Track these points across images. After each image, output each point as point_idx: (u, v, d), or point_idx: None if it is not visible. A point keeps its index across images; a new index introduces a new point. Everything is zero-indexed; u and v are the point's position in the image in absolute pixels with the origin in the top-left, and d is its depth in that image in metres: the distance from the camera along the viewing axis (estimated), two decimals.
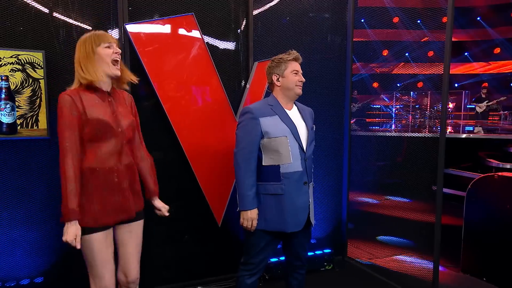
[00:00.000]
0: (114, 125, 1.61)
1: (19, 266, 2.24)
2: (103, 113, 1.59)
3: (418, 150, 2.90)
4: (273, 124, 1.85)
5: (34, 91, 2.11)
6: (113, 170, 1.62)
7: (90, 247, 1.59)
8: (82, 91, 1.58)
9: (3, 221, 2.18)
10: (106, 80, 1.63)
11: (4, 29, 2.06)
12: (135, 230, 1.78)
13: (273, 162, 1.86)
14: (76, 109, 1.54)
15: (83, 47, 1.59)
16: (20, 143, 2.16)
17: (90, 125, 1.55)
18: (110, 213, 1.61)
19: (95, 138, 1.57)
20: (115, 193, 1.62)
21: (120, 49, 1.67)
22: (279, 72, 1.93)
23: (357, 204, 3.47)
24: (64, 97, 1.54)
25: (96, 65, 1.59)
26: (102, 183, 1.59)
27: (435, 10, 2.80)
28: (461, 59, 11.41)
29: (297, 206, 1.88)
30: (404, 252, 3.14)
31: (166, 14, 2.40)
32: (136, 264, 1.80)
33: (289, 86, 1.91)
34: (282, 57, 1.93)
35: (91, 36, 1.60)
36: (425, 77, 4.42)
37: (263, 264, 1.95)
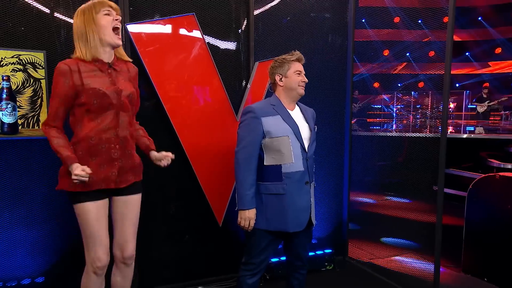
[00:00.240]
0: (112, 96, 1.61)
1: (20, 266, 2.24)
2: (101, 83, 1.59)
3: (419, 150, 2.90)
4: (275, 124, 1.85)
5: (35, 91, 2.11)
6: (109, 140, 1.63)
7: (84, 216, 1.62)
8: (82, 61, 1.59)
9: (4, 221, 2.18)
10: (107, 50, 1.63)
11: (6, 29, 2.07)
12: (132, 204, 1.78)
13: (275, 162, 1.85)
14: (71, 78, 1.55)
15: (82, 17, 1.59)
16: (21, 143, 2.17)
17: (86, 95, 1.56)
18: (98, 180, 1.62)
19: (93, 108, 1.59)
20: (105, 162, 1.63)
21: (120, 15, 1.65)
22: (282, 72, 1.93)
23: (358, 204, 3.47)
24: (61, 66, 1.56)
25: (95, 36, 1.58)
26: (94, 151, 1.61)
27: (436, 10, 2.80)
28: (462, 59, 11.40)
29: (299, 206, 1.87)
30: (405, 252, 3.14)
31: (167, 14, 2.40)
32: (132, 240, 1.81)
33: (292, 86, 1.91)
34: (285, 58, 1.93)
35: (90, 5, 1.60)
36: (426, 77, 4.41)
37: (264, 264, 1.95)
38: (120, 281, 1.85)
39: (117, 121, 1.65)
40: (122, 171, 1.69)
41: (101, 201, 1.66)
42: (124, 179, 1.71)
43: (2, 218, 2.17)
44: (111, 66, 1.66)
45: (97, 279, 1.70)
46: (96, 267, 1.67)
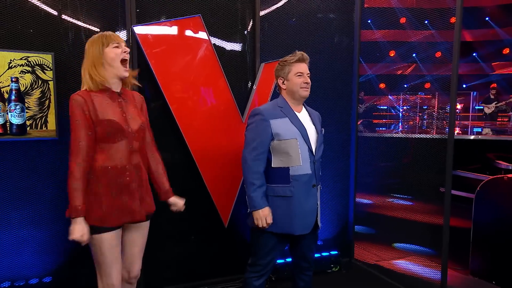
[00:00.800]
0: (124, 126, 1.62)
1: (28, 265, 2.26)
2: (114, 114, 1.60)
3: (425, 152, 2.88)
4: (283, 126, 1.84)
5: (43, 93, 2.13)
6: (125, 169, 1.63)
7: (99, 246, 1.61)
8: (93, 92, 1.59)
9: (13, 220, 2.20)
10: (115, 81, 1.65)
11: (15, 32, 2.09)
12: (143, 231, 1.80)
13: (283, 164, 1.85)
14: (87, 109, 1.55)
15: (91, 48, 1.61)
16: (30, 144, 2.19)
17: (101, 126, 1.57)
18: (116, 214, 1.62)
19: (107, 139, 1.59)
20: (123, 194, 1.63)
21: (128, 48, 1.68)
22: (283, 75, 1.92)
23: (365, 206, 3.45)
24: (76, 98, 1.55)
25: (104, 68, 1.60)
26: (112, 182, 1.60)
27: (443, 10, 2.78)
28: (469, 59, 11.30)
29: (306, 208, 1.87)
30: (412, 255, 3.12)
31: (173, 15, 2.41)
32: (139, 262, 1.83)
33: (293, 89, 1.90)
34: (286, 60, 1.92)
35: (99, 37, 1.62)
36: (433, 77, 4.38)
37: (270, 265, 1.95)
38: None
39: (131, 152, 1.65)
40: (141, 203, 1.70)
41: (117, 230, 1.65)
42: (145, 210, 1.72)
43: (10, 218, 2.19)
44: (120, 96, 1.67)
45: None
46: None
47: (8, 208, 2.18)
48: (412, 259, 3.07)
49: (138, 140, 1.69)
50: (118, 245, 1.68)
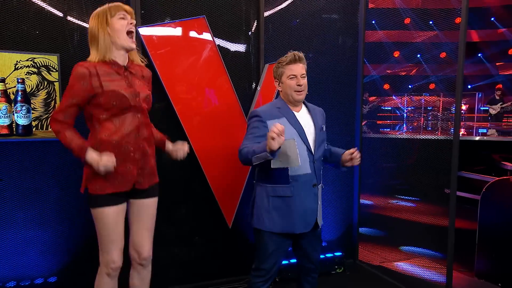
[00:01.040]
0: (130, 98, 1.62)
1: (33, 265, 2.28)
2: (119, 85, 1.61)
3: (430, 153, 2.86)
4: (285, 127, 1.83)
5: (49, 94, 2.15)
6: (130, 140, 1.64)
7: (102, 220, 1.63)
8: (99, 64, 1.60)
9: (18, 221, 2.22)
10: (121, 53, 1.65)
11: (21, 33, 2.11)
12: (149, 207, 1.79)
13: (282, 165, 1.84)
14: (89, 81, 1.56)
15: (96, 21, 1.61)
16: (35, 145, 2.20)
17: (105, 97, 1.57)
18: (118, 180, 1.63)
19: (112, 110, 1.60)
20: (127, 162, 1.64)
21: (134, 19, 1.68)
22: (277, 77, 1.90)
23: (369, 207, 3.44)
24: (79, 69, 1.56)
25: (109, 39, 1.60)
26: (116, 151, 1.61)
27: (448, 11, 2.77)
28: (474, 60, 11.23)
29: (306, 208, 1.86)
30: (417, 256, 3.10)
31: (178, 17, 2.42)
32: (149, 241, 1.82)
33: (287, 91, 1.87)
34: (280, 61, 1.88)
35: (104, 8, 1.62)
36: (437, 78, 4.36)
37: (275, 269, 1.93)
38: (138, 283, 1.86)
39: (137, 123, 1.67)
40: (142, 172, 1.71)
41: (120, 205, 1.67)
42: (145, 180, 1.73)
43: (16, 218, 2.21)
44: (127, 69, 1.68)
45: (110, 281, 1.72)
46: (110, 269, 1.68)
47: (14, 208, 2.20)
48: (417, 261, 3.05)
49: (143, 113, 1.71)
50: (121, 221, 1.69)
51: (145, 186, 1.73)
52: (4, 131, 2.04)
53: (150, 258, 1.84)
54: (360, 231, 3.20)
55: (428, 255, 3.02)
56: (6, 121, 2.04)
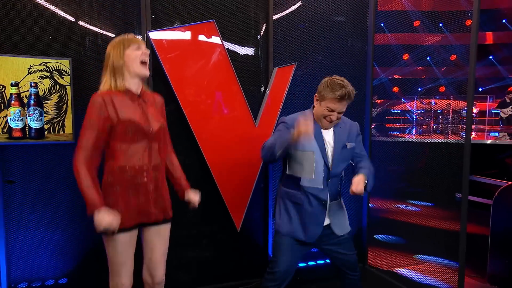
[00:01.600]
0: (144, 126, 1.64)
1: (45, 267, 2.30)
2: (134, 114, 1.63)
3: (440, 156, 2.83)
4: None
5: (61, 97, 2.18)
6: (143, 169, 1.64)
7: (114, 246, 1.63)
8: (114, 93, 1.62)
9: (30, 223, 2.25)
10: (136, 82, 1.67)
11: (35, 38, 2.15)
12: (163, 233, 1.81)
13: (295, 173, 1.88)
14: (105, 111, 1.57)
15: (112, 51, 1.64)
16: (47, 148, 2.24)
17: (122, 126, 1.59)
18: (132, 214, 1.64)
19: (126, 138, 1.61)
20: (140, 194, 1.65)
21: (148, 50, 1.71)
22: (320, 95, 1.84)
23: (379, 211, 3.40)
24: (96, 99, 1.57)
25: (124, 69, 1.63)
26: (129, 183, 1.62)
27: (458, 13, 2.74)
28: (485, 62, 11.08)
29: (311, 220, 1.89)
30: (427, 261, 3.06)
31: (187, 21, 2.44)
32: (163, 266, 1.83)
33: (318, 114, 1.87)
34: (332, 85, 1.78)
35: (121, 40, 1.66)
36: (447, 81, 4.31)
37: (288, 274, 1.93)
38: None
39: (150, 152, 1.67)
40: (156, 204, 1.72)
41: (132, 231, 1.67)
42: (160, 213, 1.74)
43: (28, 220, 2.24)
44: (140, 97, 1.70)
45: None
46: None
47: (26, 210, 2.23)
48: (427, 266, 3.01)
49: (158, 141, 1.71)
50: (132, 246, 1.69)
51: (159, 218, 1.74)
52: (17, 134, 2.08)
53: (163, 282, 1.85)
54: (369, 235, 3.17)
55: (439, 260, 2.98)
56: (20, 124, 2.08)
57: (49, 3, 2.17)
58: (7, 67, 2.04)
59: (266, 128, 2.67)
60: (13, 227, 2.21)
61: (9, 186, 2.18)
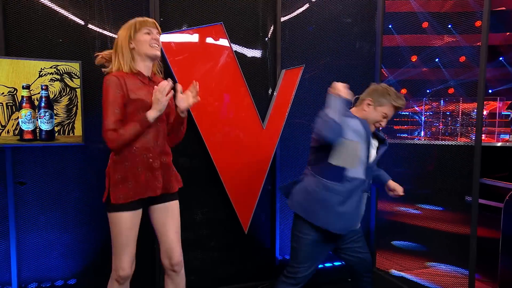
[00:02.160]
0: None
1: (54, 267, 2.33)
2: (144, 94, 1.67)
3: (450, 159, 2.80)
4: (353, 127, 1.83)
5: (71, 100, 2.21)
6: (149, 149, 1.68)
7: (117, 224, 1.66)
8: (125, 74, 1.66)
9: (40, 223, 2.28)
10: (146, 64, 1.71)
11: (46, 41, 2.18)
12: (172, 210, 1.82)
13: (340, 163, 1.83)
14: (121, 88, 1.61)
15: (124, 33, 1.68)
16: (58, 149, 2.27)
17: (133, 105, 1.64)
18: (140, 188, 1.67)
19: (134, 117, 1.64)
20: (147, 171, 1.68)
21: (160, 33, 1.74)
22: (376, 102, 1.90)
23: (386, 214, 3.37)
24: (111, 77, 1.62)
25: (135, 52, 1.67)
26: (138, 161, 1.65)
27: (468, 14, 2.72)
28: (495, 64, 10.94)
29: (351, 211, 1.87)
30: (437, 265, 3.02)
31: (196, 23, 2.46)
32: (178, 246, 1.83)
33: (369, 119, 1.92)
34: (391, 95, 1.88)
35: (132, 22, 1.69)
36: (456, 83, 4.27)
37: (309, 272, 1.92)
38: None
39: (157, 132, 1.72)
40: (165, 179, 1.75)
41: (137, 211, 1.70)
42: (169, 186, 1.78)
43: (38, 221, 2.27)
44: (150, 80, 1.75)
45: (119, 287, 1.74)
46: (118, 276, 1.71)
47: (37, 211, 2.26)
48: (436, 270, 2.97)
49: (164, 123, 1.76)
50: (136, 227, 1.71)
51: (175, 189, 1.79)
52: (28, 136, 2.11)
53: (182, 263, 1.85)
54: (377, 239, 3.15)
55: (448, 264, 2.94)
56: (30, 126, 2.11)
57: (60, 7, 2.20)
58: (18, 70, 2.07)
59: (274, 130, 2.67)
60: (24, 228, 2.24)
61: (20, 187, 2.21)
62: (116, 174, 1.65)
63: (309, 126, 2.84)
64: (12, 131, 2.09)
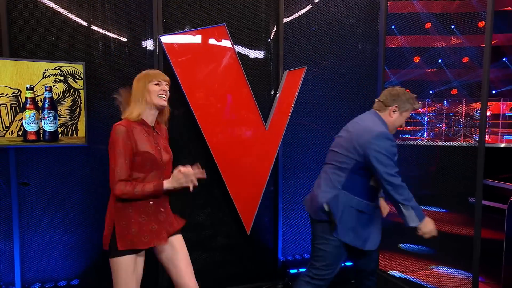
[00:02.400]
0: (158, 158, 1.69)
1: (57, 268, 2.34)
2: (150, 146, 1.68)
3: (453, 160, 2.79)
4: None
5: (74, 101, 2.22)
6: (153, 202, 1.69)
7: (118, 269, 1.65)
8: (132, 123, 1.66)
9: (44, 224, 2.28)
10: (152, 113, 1.72)
11: (50, 43, 2.19)
12: (177, 243, 1.81)
13: (377, 185, 1.93)
14: (129, 139, 1.61)
15: (137, 83, 1.70)
16: (61, 150, 2.28)
17: (141, 157, 1.63)
18: (145, 238, 1.66)
19: (141, 169, 1.65)
20: (152, 221, 1.68)
21: (169, 85, 1.75)
22: (402, 108, 1.95)
23: (389, 215, 3.36)
24: (120, 128, 1.61)
25: (143, 101, 1.68)
26: (142, 209, 1.66)
27: (471, 14, 2.71)
28: (498, 65, 10.89)
29: (378, 226, 2.00)
30: (440, 267, 3.01)
31: (198, 25, 2.46)
32: (192, 277, 1.82)
33: (395, 125, 1.98)
34: (414, 101, 1.96)
35: (145, 73, 1.72)
36: (460, 83, 4.26)
37: (333, 274, 1.97)
38: None
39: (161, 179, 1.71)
40: (166, 225, 1.75)
41: (140, 254, 1.69)
42: (174, 226, 1.79)
43: (42, 221, 2.28)
44: (154, 129, 1.75)
45: None
46: None
47: (40, 212, 2.27)
48: (439, 271, 2.96)
49: (167, 172, 1.76)
50: (136, 271, 1.69)
51: (177, 228, 1.81)
52: (32, 137, 2.12)
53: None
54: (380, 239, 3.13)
55: (451, 266, 2.93)
56: (34, 127, 2.12)
57: (63, 9, 2.21)
58: (22, 71, 2.08)
59: (277, 131, 2.67)
60: (28, 229, 2.25)
61: (23, 188, 2.22)
62: (120, 219, 1.63)
63: (311, 127, 2.84)
64: (16, 132, 2.10)
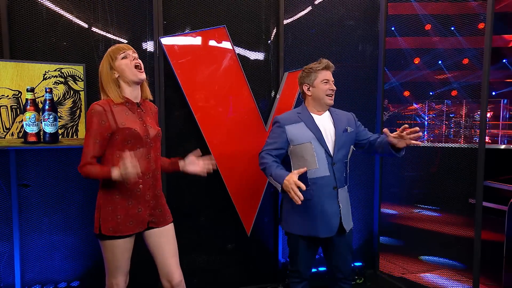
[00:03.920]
0: (143, 135, 1.66)
1: (57, 269, 2.34)
2: (133, 123, 1.64)
3: (453, 161, 2.79)
4: (298, 131, 1.89)
5: (74, 103, 2.22)
6: (141, 178, 1.65)
7: (111, 251, 1.65)
8: (113, 102, 1.64)
9: (44, 226, 2.29)
10: (133, 89, 1.68)
11: (50, 45, 2.20)
12: (167, 233, 1.80)
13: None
14: (106, 118, 1.58)
15: (103, 66, 1.66)
16: (61, 152, 2.28)
17: (121, 134, 1.60)
18: (130, 224, 1.65)
19: (126, 147, 1.62)
20: (139, 204, 1.67)
21: (135, 53, 1.69)
22: (309, 82, 1.96)
23: (390, 217, 3.36)
24: (96, 107, 1.59)
25: (120, 80, 1.65)
26: (128, 192, 1.64)
27: (471, 16, 2.71)
28: (499, 66, 10.90)
29: (327, 211, 1.87)
30: (440, 268, 3.00)
31: (199, 26, 2.47)
32: (177, 267, 1.82)
33: (319, 95, 1.94)
34: (312, 67, 1.95)
35: (107, 54, 1.67)
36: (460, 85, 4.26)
37: (308, 270, 2.02)
38: None
39: (148, 160, 1.69)
40: (155, 212, 1.74)
41: (130, 237, 1.68)
42: (159, 220, 1.76)
43: (41, 223, 2.28)
44: (139, 106, 1.72)
45: None
46: None
47: (40, 213, 2.27)
48: (440, 273, 2.95)
49: (154, 149, 1.73)
50: (129, 250, 1.70)
51: (159, 226, 1.76)
52: (32, 139, 2.12)
53: (182, 282, 1.83)
54: (381, 241, 3.14)
55: (452, 267, 2.92)
56: (34, 129, 2.12)
57: (64, 10, 2.22)
58: (23, 73, 2.09)
59: None
60: (28, 230, 2.25)
61: (24, 189, 2.23)
62: (107, 205, 1.62)
63: None
64: (16, 134, 2.10)
